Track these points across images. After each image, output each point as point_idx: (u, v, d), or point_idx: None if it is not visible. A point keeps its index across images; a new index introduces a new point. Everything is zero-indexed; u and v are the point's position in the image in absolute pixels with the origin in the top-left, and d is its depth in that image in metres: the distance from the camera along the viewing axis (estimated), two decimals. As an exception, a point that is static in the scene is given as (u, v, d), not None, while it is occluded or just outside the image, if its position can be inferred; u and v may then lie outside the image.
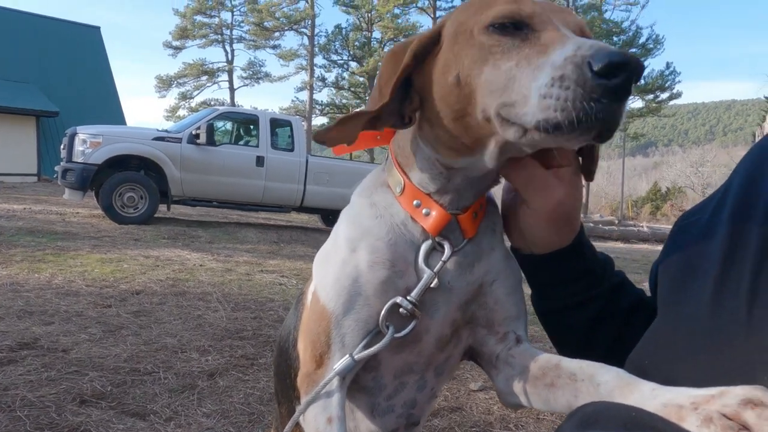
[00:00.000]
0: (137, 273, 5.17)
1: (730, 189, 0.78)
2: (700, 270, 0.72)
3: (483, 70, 0.71)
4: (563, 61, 0.62)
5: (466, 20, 0.75)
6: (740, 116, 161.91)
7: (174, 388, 2.61)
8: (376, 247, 0.85)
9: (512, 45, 0.69)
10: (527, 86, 0.65)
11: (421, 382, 0.95)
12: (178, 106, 39.20)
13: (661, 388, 0.63)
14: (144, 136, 9.04)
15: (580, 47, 0.62)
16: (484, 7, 0.74)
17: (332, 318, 0.84)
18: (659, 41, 34.86)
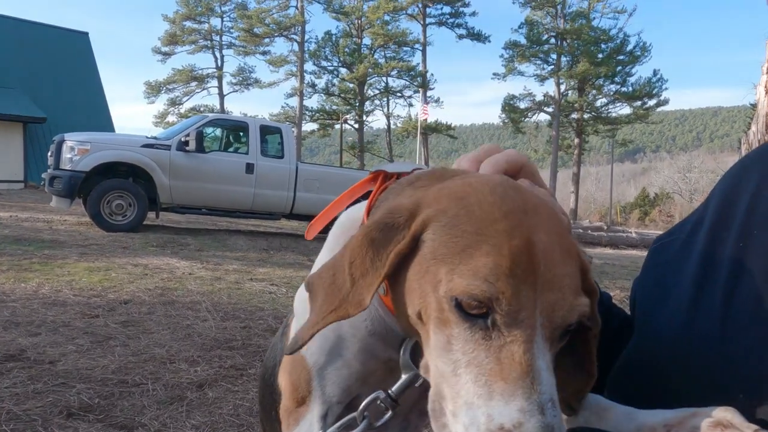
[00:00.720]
0: (125, 282, 5.13)
1: (708, 209, 0.80)
2: (675, 290, 0.74)
3: (439, 337, 0.64)
4: (498, 429, 0.55)
5: (438, 260, 0.64)
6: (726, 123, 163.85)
7: (162, 399, 2.59)
8: (354, 320, 0.80)
9: (471, 336, 0.61)
10: (459, 407, 0.60)
11: (404, 423, 0.95)
12: (167, 112, 39.08)
13: (636, 412, 0.64)
14: (132, 143, 8.99)
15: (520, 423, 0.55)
16: (462, 258, 0.62)
17: (312, 370, 0.84)
18: (646, 49, 35.28)
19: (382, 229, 0.69)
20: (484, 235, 0.62)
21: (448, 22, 37.72)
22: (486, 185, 0.70)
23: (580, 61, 34.52)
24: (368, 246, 0.68)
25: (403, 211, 0.69)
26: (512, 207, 0.65)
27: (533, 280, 0.60)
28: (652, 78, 35.16)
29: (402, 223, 0.68)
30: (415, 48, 37.77)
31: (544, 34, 36.04)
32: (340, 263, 0.71)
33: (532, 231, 0.63)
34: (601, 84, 35.97)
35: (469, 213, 0.65)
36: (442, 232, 0.64)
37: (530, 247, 0.61)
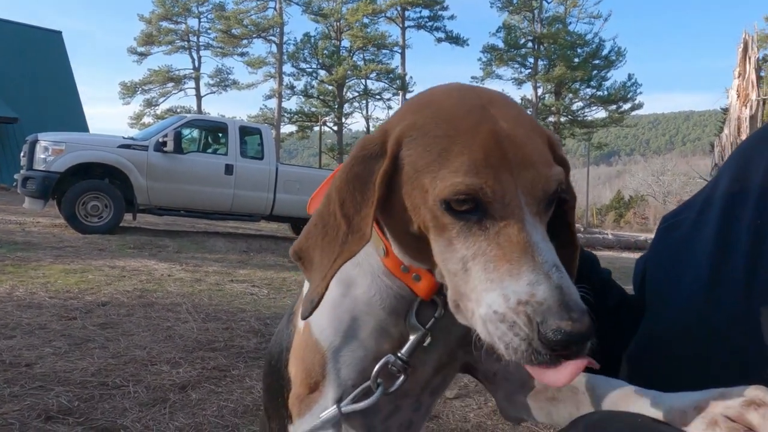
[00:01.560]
0: (103, 284, 5.03)
1: (718, 187, 0.79)
2: (690, 268, 0.73)
3: (440, 242, 0.68)
4: (516, 304, 0.60)
5: (421, 172, 0.68)
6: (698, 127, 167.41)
7: (144, 401, 2.54)
8: (368, 299, 0.83)
9: (469, 230, 0.65)
10: (479, 294, 0.64)
11: (416, 404, 0.95)
12: (143, 113, 38.52)
13: (663, 395, 0.63)
14: (108, 143, 8.84)
15: (533, 293, 0.60)
16: (441, 164, 0.66)
17: (328, 353, 0.84)
18: (621, 53, 35.90)
19: (361, 161, 0.72)
20: (453, 136, 0.66)
21: (426, 25, 37.91)
22: (441, 91, 0.75)
23: (557, 65, 34.98)
24: (353, 181, 0.71)
25: (374, 140, 0.73)
26: (471, 104, 0.70)
27: (507, 165, 0.65)
28: (627, 82, 35.82)
29: (377, 150, 0.72)
30: (394, 51, 37.89)
31: (521, 38, 36.43)
32: (327, 211, 0.73)
33: (494, 120, 0.68)
34: (577, 88, 36.49)
35: (435, 119, 0.69)
36: (416, 145, 0.69)
37: (497, 136, 0.66)
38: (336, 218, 0.72)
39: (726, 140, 12.63)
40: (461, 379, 3.07)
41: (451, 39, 37.90)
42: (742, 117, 12.35)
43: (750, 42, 12.62)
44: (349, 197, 0.71)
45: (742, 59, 12.65)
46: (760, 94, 12.46)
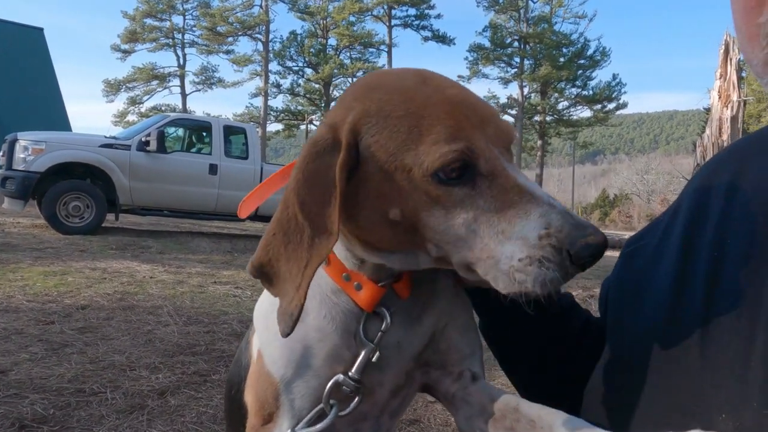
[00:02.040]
0: (83, 286, 4.96)
1: (679, 212, 0.78)
2: (650, 297, 0.72)
3: (435, 215, 0.68)
4: (537, 239, 0.62)
5: (397, 154, 0.67)
6: (682, 126, 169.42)
7: (122, 408, 2.50)
8: (319, 325, 0.81)
9: (464, 193, 0.66)
10: (493, 250, 0.65)
11: (375, 426, 0.93)
12: (127, 111, 38.14)
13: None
14: (90, 142, 8.72)
15: (549, 223, 0.63)
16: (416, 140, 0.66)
17: (280, 385, 0.82)
18: (606, 53, 36.18)
19: (314, 157, 0.69)
20: (415, 112, 0.67)
21: (413, 24, 37.92)
22: (376, 77, 0.75)
23: (543, 65, 35.18)
24: (310, 179, 0.69)
25: (323, 134, 0.70)
26: (414, 80, 0.72)
27: (473, 124, 0.67)
28: (612, 82, 36.13)
29: (330, 143, 0.69)
30: (380, 49, 37.85)
31: (507, 37, 36.58)
32: (286, 216, 0.70)
33: (442, 89, 0.70)
34: (562, 87, 36.73)
35: (389, 101, 0.69)
36: (379, 129, 0.68)
37: (452, 101, 0.68)
38: (298, 221, 0.69)
39: (708, 140, 12.76)
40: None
41: (438, 38, 37.95)
42: (724, 118, 12.49)
43: (731, 44, 12.75)
44: (309, 197, 0.69)
45: (724, 61, 12.80)
46: (740, 95, 12.61)
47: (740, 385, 0.56)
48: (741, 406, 0.56)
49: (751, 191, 0.68)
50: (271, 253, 0.71)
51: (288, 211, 0.70)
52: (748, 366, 0.56)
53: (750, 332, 0.57)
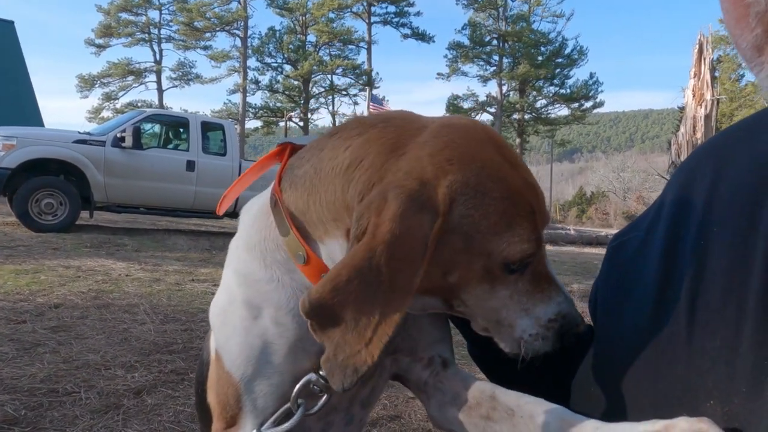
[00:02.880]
0: (56, 285, 4.85)
1: (664, 207, 0.78)
2: (636, 291, 0.72)
3: (483, 287, 0.74)
4: (547, 322, 0.76)
5: (485, 236, 0.69)
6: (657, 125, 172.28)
7: (97, 408, 2.45)
8: (281, 320, 0.78)
9: (513, 278, 0.75)
10: (513, 321, 0.76)
11: (347, 417, 0.92)
12: (101, 107, 37.42)
13: (604, 425, 0.62)
14: (64, 138, 8.53)
15: (560, 312, 0.77)
16: (505, 228, 0.70)
17: (241, 385, 0.79)
18: (583, 52, 36.61)
19: (412, 215, 0.66)
20: (508, 198, 0.71)
21: (393, 21, 37.91)
22: (473, 139, 0.75)
23: (521, 63, 35.45)
24: (405, 235, 0.66)
25: (418, 189, 0.68)
26: (504, 157, 0.74)
27: (541, 219, 0.75)
28: (589, 81, 36.54)
29: (426, 204, 0.67)
30: (360, 46, 37.75)
31: (486, 35, 36.78)
32: (369, 266, 0.65)
33: (524, 173, 0.75)
34: (540, 86, 37.05)
35: (488, 177, 0.71)
36: (474, 205, 0.69)
37: (534, 191, 0.75)
38: (381, 274, 0.65)
39: (682, 138, 13.00)
40: (424, 378, 3.07)
41: (418, 35, 37.99)
42: (698, 116, 12.73)
43: (705, 43, 13.00)
44: (399, 252, 0.65)
45: (698, 60, 13.03)
46: (714, 94, 12.86)
47: (729, 372, 0.56)
48: (729, 392, 0.56)
49: (734, 181, 0.68)
50: (338, 297, 0.66)
51: (373, 261, 0.65)
52: (736, 353, 0.56)
53: (737, 319, 0.57)
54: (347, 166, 0.74)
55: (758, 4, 0.50)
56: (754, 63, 0.53)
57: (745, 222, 0.62)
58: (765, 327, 0.54)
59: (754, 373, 0.54)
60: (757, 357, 0.54)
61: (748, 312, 0.56)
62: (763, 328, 0.54)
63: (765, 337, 0.54)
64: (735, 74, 30.88)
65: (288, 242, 0.79)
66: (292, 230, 0.78)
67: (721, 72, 28.47)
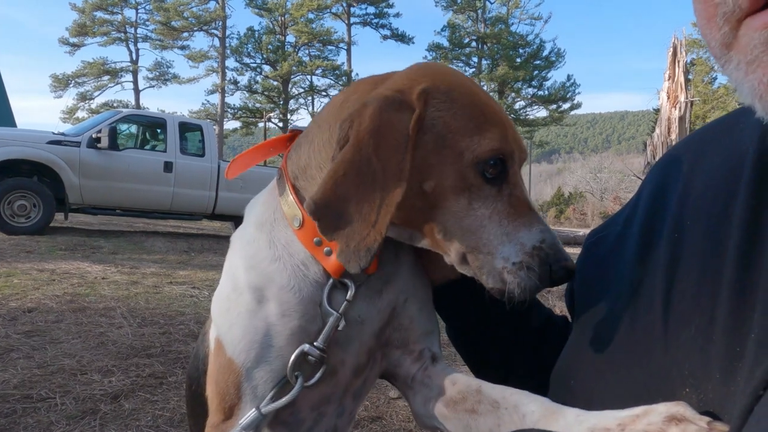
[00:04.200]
0: (29, 288, 4.74)
1: (640, 201, 0.80)
2: (614, 284, 0.74)
3: (460, 201, 0.75)
4: (531, 249, 0.73)
5: (457, 135, 0.74)
6: (632, 126, 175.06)
7: (72, 414, 2.40)
8: (283, 299, 0.80)
9: (490, 192, 0.75)
10: (494, 248, 0.74)
11: (339, 409, 0.93)
12: (76, 107, 36.74)
13: (586, 414, 0.64)
14: (37, 139, 8.35)
15: (544, 240, 0.74)
16: (476, 130, 0.74)
17: (242, 371, 0.80)
18: (561, 55, 37.04)
19: (389, 109, 0.73)
20: (480, 106, 0.76)
21: (372, 22, 37.93)
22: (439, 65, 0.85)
23: (500, 65, 35.73)
24: (386, 125, 0.72)
25: (394, 93, 0.75)
26: (470, 81, 0.81)
27: (515, 139, 0.78)
28: (566, 82, 36.97)
29: (400, 102, 0.74)
30: (339, 47, 37.69)
31: (465, 37, 37.00)
32: (359, 158, 0.71)
33: (492, 99, 0.80)
34: (519, 87, 37.38)
35: (457, 87, 0.77)
36: (446, 107, 0.75)
37: (501, 110, 0.79)
38: (371, 164, 0.71)
39: (657, 140, 13.22)
40: (405, 378, 3.07)
41: (397, 36, 38.05)
42: (672, 118, 12.95)
43: (679, 46, 13.24)
44: (384, 142, 0.71)
45: (672, 62, 13.27)
46: (688, 96, 13.11)
47: (703, 360, 0.58)
48: (704, 379, 0.58)
49: (708, 176, 0.70)
50: (339, 192, 0.71)
51: (362, 153, 0.71)
52: (710, 341, 0.58)
53: (711, 308, 0.59)
54: (340, 103, 0.82)
55: (725, 5, 0.53)
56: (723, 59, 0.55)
57: (718, 214, 0.64)
58: (737, 315, 0.56)
59: (727, 359, 0.55)
60: (730, 344, 0.56)
61: (722, 301, 0.58)
62: (735, 316, 0.56)
63: (737, 325, 0.56)
64: (708, 77, 31.54)
65: (287, 210, 0.83)
66: (290, 191, 0.83)
67: (695, 75, 29.05)
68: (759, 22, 0.50)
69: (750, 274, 0.57)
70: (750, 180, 0.62)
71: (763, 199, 0.60)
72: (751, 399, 0.47)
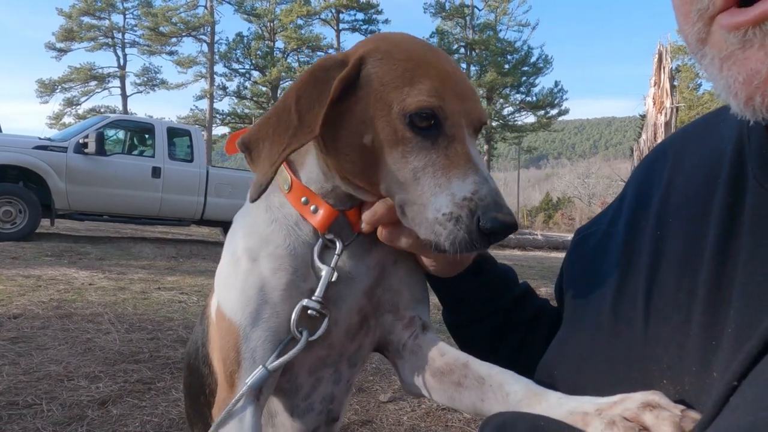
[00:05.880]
0: (15, 295, 4.69)
1: (625, 199, 0.82)
2: (599, 280, 0.76)
3: (393, 154, 0.76)
4: (461, 200, 0.72)
5: (387, 87, 0.76)
6: (619, 132, 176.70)
7: (59, 420, 2.37)
8: (276, 255, 0.85)
9: (423, 144, 0.75)
10: (427, 199, 0.75)
11: (336, 375, 0.95)
12: (63, 112, 36.44)
13: (567, 398, 0.66)
14: (23, 144, 8.28)
15: (477, 191, 0.73)
16: (406, 83, 0.75)
17: (240, 331, 0.82)
18: (548, 61, 37.34)
19: (321, 69, 0.79)
20: (415, 62, 0.77)
21: (361, 28, 38.01)
22: (394, 33, 0.86)
23: (488, 71, 35.94)
24: (312, 82, 0.78)
25: (336, 56, 0.81)
26: (422, 44, 0.83)
27: (456, 94, 0.77)
28: (554, 89, 37.27)
29: (339, 62, 0.79)
30: (328, 53, 37.67)
31: (454, 43, 37.20)
32: (283, 107, 0.79)
33: (442, 58, 0.81)
34: (507, 93, 37.62)
35: (397, 46, 0.80)
36: (382, 63, 0.78)
37: (447, 69, 0.78)
38: (290, 113, 0.77)
39: (644, 145, 13.37)
40: (395, 382, 3.07)
41: (386, 43, 38.16)
42: (658, 123, 13.12)
43: (664, 53, 13.43)
44: (306, 95, 0.77)
45: (658, 69, 13.45)
46: (673, 102, 13.28)
47: (680, 353, 0.60)
48: (681, 372, 0.59)
49: (689, 174, 0.73)
50: (260, 133, 0.80)
51: (285, 102, 0.79)
52: (688, 335, 0.60)
53: (689, 304, 0.61)
54: None
55: (700, 2, 0.54)
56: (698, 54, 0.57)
57: (697, 211, 0.66)
58: (713, 310, 0.58)
59: (704, 353, 0.57)
60: (707, 338, 0.57)
61: (699, 296, 0.60)
62: (712, 311, 0.58)
63: (713, 320, 0.58)
64: (693, 83, 31.97)
65: (279, 175, 0.89)
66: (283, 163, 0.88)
67: (680, 81, 29.43)
68: (732, 21, 0.52)
69: (726, 270, 0.59)
70: (727, 178, 0.64)
71: (739, 197, 0.62)
72: (726, 390, 0.48)
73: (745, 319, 0.54)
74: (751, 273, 0.56)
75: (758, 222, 0.58)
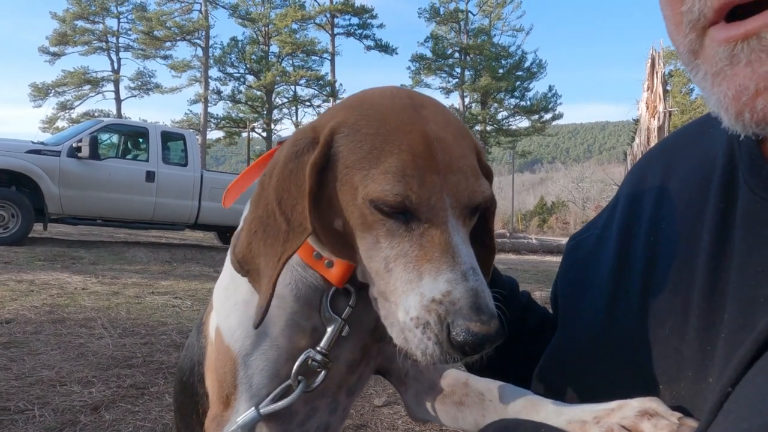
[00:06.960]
0: (7, 299, 4.66)
1: (618, 204, 0.82)
2: (594, 286, 0.76)
3: (366, 241, 0.68)
4: (429, 302, 0.62)
5: (352, 170, 0.68)
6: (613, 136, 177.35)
7: (51, 426, 2.36)
8: (279, 292, 0.81)
9: (396, 230, 0.66)
10: (398, 297, 0.65)
11: (333, 404, 0.94)
12: (56, 116, 36.25)
13: (565, 406, 0.66)
14: (15, 148, 8.24)
15: (449, 292, 0.61)
16: (372, 163, 0.66)
17: (238, 358, 0.82)
18: (542, 66, 37.48)
19: (293, 157, 0.71)
20: (383, 134, 0.67)
21: (356, 33, 38.05)
22: (375, 92, 0.76)
23: (483, 76, 36.04)
24: (288, 177, 0.70)
25: (305, 134, 0.73)
26: (403, 104, 0.71)
27: (435, 167, 0.65)
28: (548, 93, 37.39)
29: (309, 143, 0.71)
30: (323, 57, 37.72)
31: (448, 48, 37.30)
32: (266, 213, 0.72)
33: (424, 122, 0.69)
34: (502, 98, 37.71)
35: (367, 117, 0.70)
36: (348, 140, 0.69)
37: (427, 137, 0.67)
38: (276, 218, 0.70)
39: (637, 149, 13.44)
40: (389, 386, 3.06)
41: (381, 47, 38.22)
42: (651, 128, 13.19)
43: (657, 58, 13.51)
44: (286, 193, 0.70)
45: (650, 74, 13.53)
46: (666, 106, 13.36)
47: (676, 358, 0.60)
48: (677, 377, 0.60)
49: (681, 179, 0.73)
50: (252, 249, 0.73)
51: (267, 208, 0.71)
52: (683, 340, 0.60)
53: (684, 309, 0.61)
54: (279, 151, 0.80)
55: (691, 13, 0.55)
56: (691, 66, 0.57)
57: (691, 217, 0.66)
58: (708, 315, 0.58)
59: (699, 358, 0.57)
60: (702, 344, 0.58)
61: (694, 302, 0.60)
62: (706, 317, 0.58)
63: (708, 325, 0.58)
64: (686, 88, 32.15)
65: None
66: None
67: (673, 85, 29.60)
68: (722, 36, 0.52)
69: (720, 275, 0.59)
70: (719, 183, 0.65)
71: (731, 202, 0.62)
72: (720, 396, 0.48)
73: (739, 324, 0.54)
74: (743, 278, 0.56)
75: (750, 227, 0.59)
